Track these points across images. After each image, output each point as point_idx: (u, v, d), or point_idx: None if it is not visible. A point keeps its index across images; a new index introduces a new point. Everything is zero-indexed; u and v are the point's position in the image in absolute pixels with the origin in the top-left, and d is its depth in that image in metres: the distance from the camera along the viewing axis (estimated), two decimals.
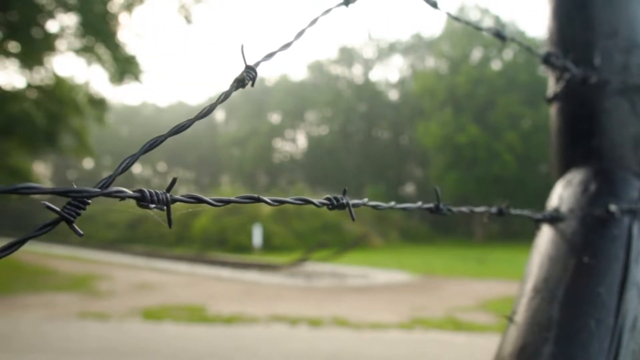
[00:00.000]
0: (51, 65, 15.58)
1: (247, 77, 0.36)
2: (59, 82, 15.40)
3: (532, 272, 0.72)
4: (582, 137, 0.82)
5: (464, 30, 37.70)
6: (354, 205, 0.43)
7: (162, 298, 10.32)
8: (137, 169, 67.60)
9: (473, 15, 40.75)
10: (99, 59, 15.17)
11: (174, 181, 0.29)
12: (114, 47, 14.37)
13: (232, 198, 0.34)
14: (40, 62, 14.94)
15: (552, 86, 0.87)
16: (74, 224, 0.26)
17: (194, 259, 20.44)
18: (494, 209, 0.62)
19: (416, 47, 50.87)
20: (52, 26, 14.55)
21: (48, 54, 14.96)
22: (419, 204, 0.52)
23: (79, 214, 0.26)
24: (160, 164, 66.82)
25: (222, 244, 28.33)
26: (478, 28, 0.68)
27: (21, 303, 9.93)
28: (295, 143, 57.96)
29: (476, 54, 40.10)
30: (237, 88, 0.36)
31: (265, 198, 0.35)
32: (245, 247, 26.40)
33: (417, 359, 5.78)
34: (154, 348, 6.32)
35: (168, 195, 0.28)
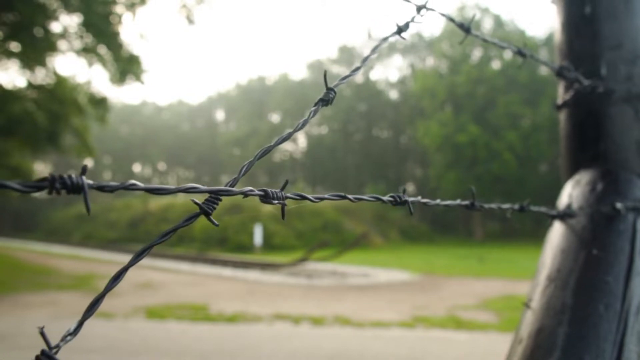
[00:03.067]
0: (52, 64, 15.59)
1: (330, 98, 0.43)
2: (60, 81, 15.42)
3: (546, 263, 0.79)
4: (589, 141, 0.90)
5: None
6: (412, 202, 0.50)
7: (165, 297, 10.38)
8: (137, 167, 67.66)
9: (473, 15, 40.78)
10: (101, 60, 15.20)
11: (286, 182, 0.36)
12: (116, 47, 14.40)
13: (325, 195, 0.41)
14: (42, 62, 14.96)
15: (561, 94, 0.94)
16: (210, 216, 0.33)
17: (195, 258, 20.51)
18: (516, 206, 0.69)
19: (416, 46, 50.95)
20: (54, 27, 14.59)
21: (50, 54, 14.99)
22: (458, 201, 0.59)
23: (215, 208, 0.33)
24: (160, 163, 66.84)
25: (222, 244, 28.41)
26: (501, 46, 0.75)
27: (24, 302, 9.96)
28: (296, 142, 58.03)
29: (476, 54, 40.17)
30: (322, 106, 0.42)
31: (349, 196, 0.42)
32: (246, 247, 26.49)
33: (420, 357, 5.85)
34: (160, 346, 6.38)
35: (283, 193, 0.36)
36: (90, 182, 0.28)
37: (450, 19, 0.62)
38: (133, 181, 0.29)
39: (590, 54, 0.90)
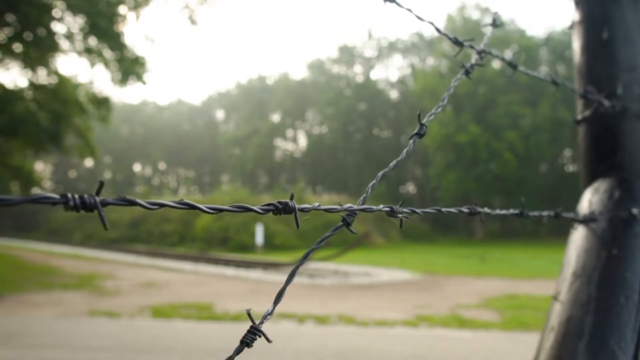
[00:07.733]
0: (55, 64, 15.65)
1: (424, 132, 0.52)
2: (63, 81, 15.49)
3: (571, 262, 0.90)
4: (606, 153, 1.01)
5: (464, 29, 37.83)
6: (482, 213, 0.59)
7: (170, 296, 10.47)
8: (137, 167, 67.74)
9: (474, 15, 40.89)
10: (103, 60, 15.27)
11: (402, 201, 0.46)
12: (119, 48, 14.47)
13: (427, 209, 0.50)
14: (44, 63, 15.03)
15: (580, 111, 1.05)
16: (350, 226, 0.42)
17: (197, 258, 20.59)
18: (552, 213, 0.80)
19: (417, 46, 51.05)
20: (57, 28, 14.66)
21: (53, 55, 15.06)
22: (511, 210, 0.69)
23: (352, 220, 0.42)
24: (160, 163, 66.92)
25: (224, 243, 28.50)
26: (539, 78, 0.84)
27: (30, 301, 10.04)
28: (296, 142, 58.14)
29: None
30: (418, 139, 0.51)
31: (443, 209, 0.51)
32: (247, 246, 26.58)
33: (426, 355, 5.94)
34: (167, 345, 6.46)
35: (402, 208, 0.45)
36: (298, 206, 0.37)
37: (502, 59, 0.71)
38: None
39: (607, 75, 1.01)
